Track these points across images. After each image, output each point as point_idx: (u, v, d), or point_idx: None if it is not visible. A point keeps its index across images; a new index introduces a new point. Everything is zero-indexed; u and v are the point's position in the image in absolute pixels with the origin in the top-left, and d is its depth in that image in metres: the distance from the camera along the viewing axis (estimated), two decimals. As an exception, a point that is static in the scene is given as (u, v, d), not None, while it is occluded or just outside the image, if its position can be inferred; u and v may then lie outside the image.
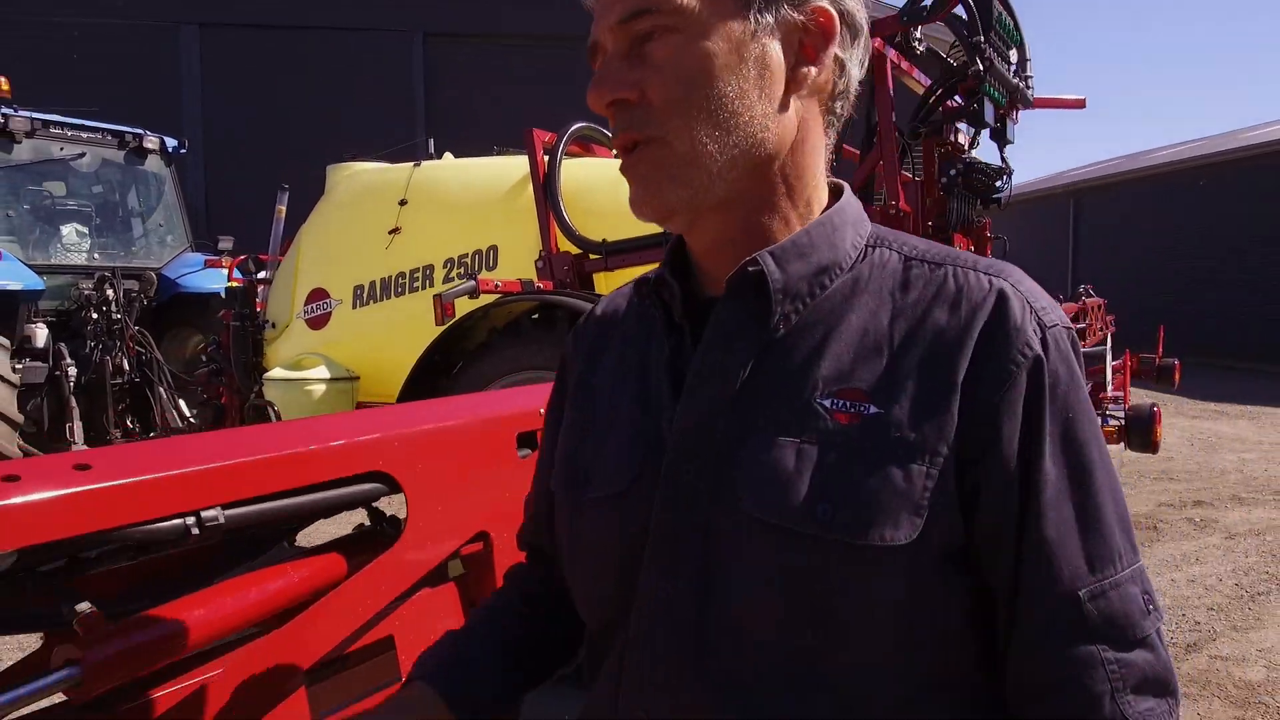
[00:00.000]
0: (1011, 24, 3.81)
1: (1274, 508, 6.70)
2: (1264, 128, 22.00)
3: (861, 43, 0.87)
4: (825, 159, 0.89)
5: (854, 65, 0.87)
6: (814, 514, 0.75)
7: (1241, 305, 18.15)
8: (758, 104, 0.80)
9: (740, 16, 0.79)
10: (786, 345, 0.81)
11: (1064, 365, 0.78)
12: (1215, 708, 3.62)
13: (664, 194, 0.82)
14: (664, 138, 0.80)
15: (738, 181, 0.82)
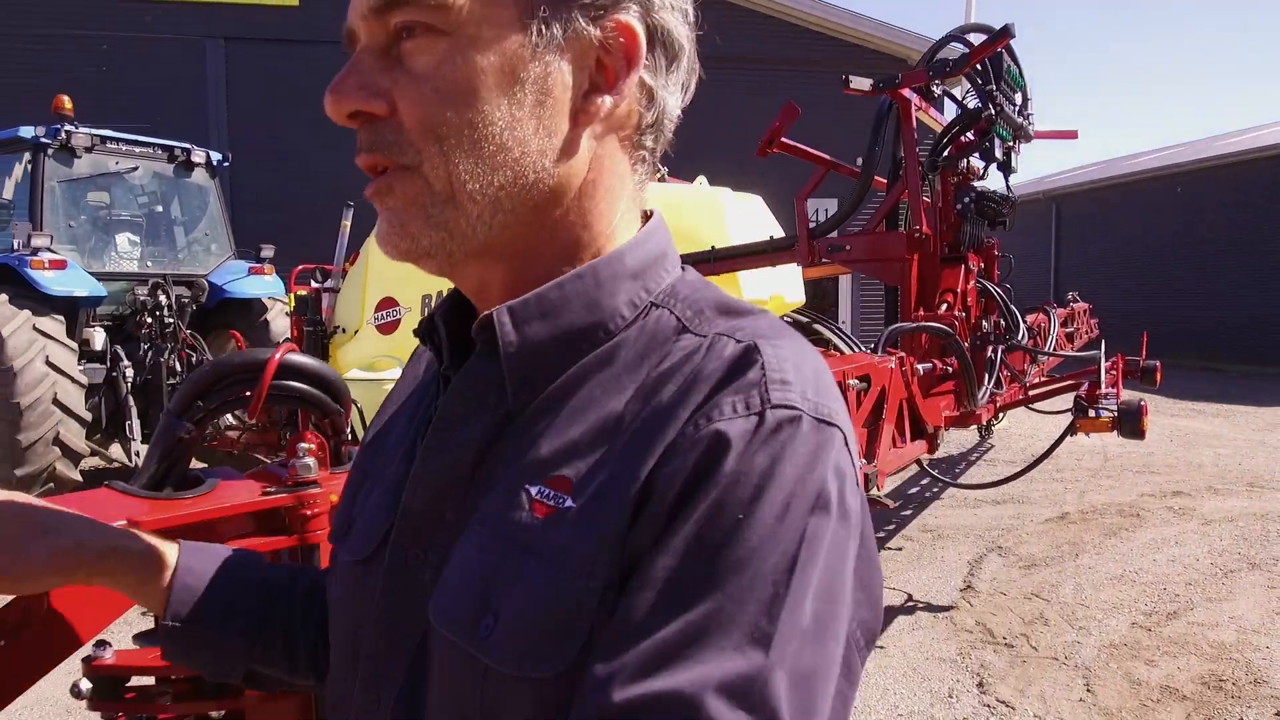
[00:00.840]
0: (1017, 71, 4.38)
1: (1246, 497, 7.31)
2: (1241, 135, 22.70)
3: (683, 66, 0.72)
4: (632, 200, 0.73)
5: (669, 94, 0.71)
6: (478, 630, 0.62)
7: (1218, 309, 18.82)
8: (533, 137, 0.65)
9: (520, 28, 0.64)
10: (527, 419, 0.67)
11: (767, 457, 0.58)
12: (1192, 663, 4.20)
13: (415, 235, 0.67)
14: (418, 167, 0.66)
15: (506, 227, 0.68)
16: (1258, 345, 17.80)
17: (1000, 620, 4.73)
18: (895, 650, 4.38)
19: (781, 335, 0.66)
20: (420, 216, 0.66)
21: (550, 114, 0.66)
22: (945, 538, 6.24)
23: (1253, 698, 3.83)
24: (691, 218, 4.96)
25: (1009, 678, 4.05)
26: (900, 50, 13.80)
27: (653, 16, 0.67)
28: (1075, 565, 5.61)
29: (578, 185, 0.68)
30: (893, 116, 4.30)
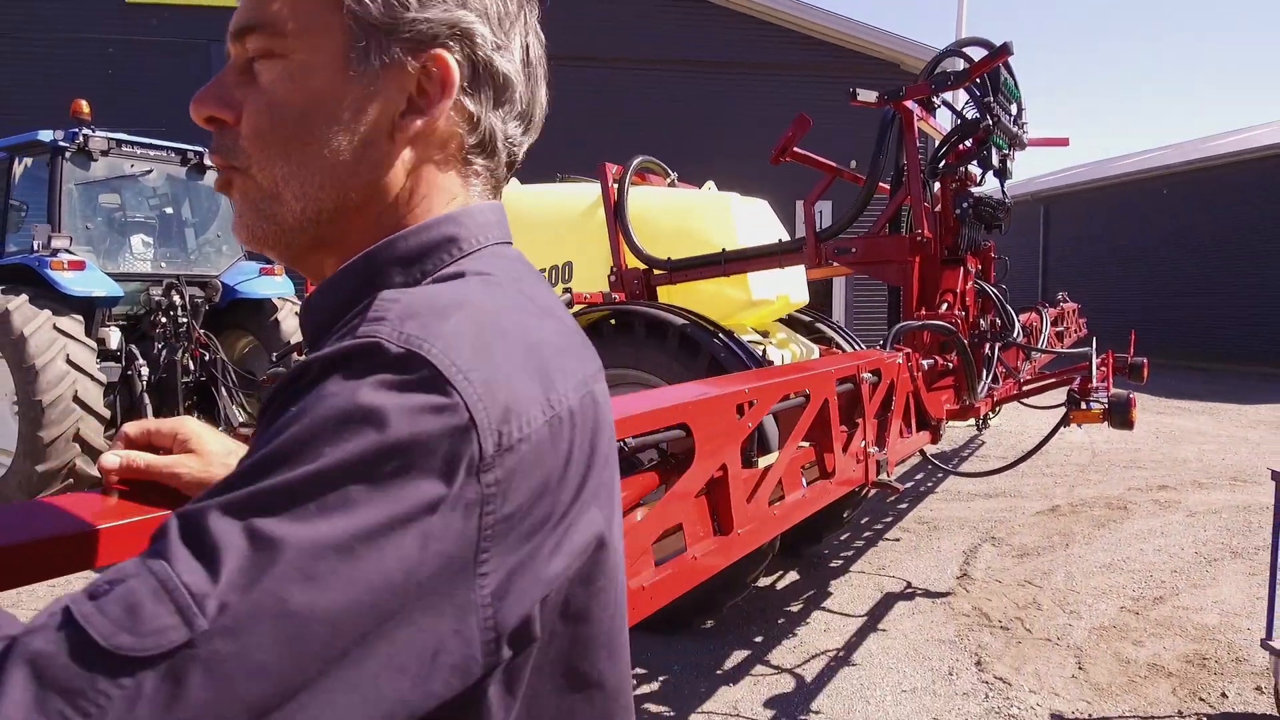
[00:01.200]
0: (1013, 83, 4.62)
1: (1229, 491, 7.58)
2: (1226, 137, 23.07)
3: (516, 98, 0.79)
4: (462, 211, 0.77)
5: (497, 121, 0.78)
6: None
7: (1202, 308, 19.16)
8: (349, 148, 0.72)
9: (343, 56, 0.71)
10: None
11: (309, 382, 0.58)
12: (1177, 643, 4.44)
13: (250, 226, 0.76)
14: (248, 169, 0.74)
15: (332, 224, 0.75)
16: (1241, 345, 18.15)
17: (995, 605, 4.97)
18: (897, 633, 4.61)
19: (448, 310, 0.64)
20: (252, 211, 0.75)
21: (367, 130, 0.73)
22: (941, 529, 6.48)
23: (1234, 674, 4.08)
24: (702, 221, 5.18)
25: (1005, 657, 4.29)
26: (894, 55, 14.06)
27: (477, 54, 0.75)
28: (1066, 554, 5.86)
29: (396, 192, 0.75)
30: (896, 126, 4.53)
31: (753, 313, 5.14)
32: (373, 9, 0.71)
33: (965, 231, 4.61)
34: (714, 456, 2.05)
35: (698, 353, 4.32)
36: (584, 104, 13.64)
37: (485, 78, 0.76)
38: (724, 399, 2.11)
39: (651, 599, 1.83)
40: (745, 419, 2.21)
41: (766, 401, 2.37)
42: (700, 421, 1.97)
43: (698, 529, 2.05)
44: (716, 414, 2.06)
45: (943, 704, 3.83)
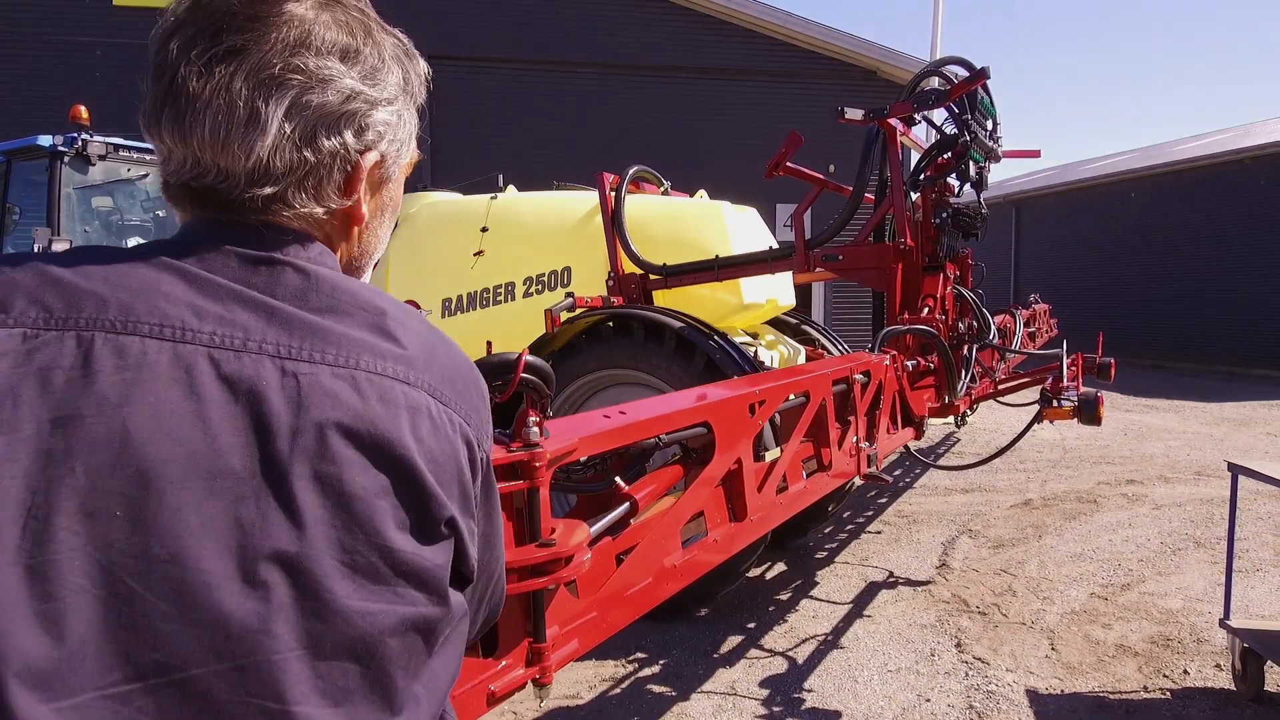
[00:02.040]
0: (988, 100, 4.91)
1: (1193, 485, 7.93)
2: (1190, 141, 23.63)
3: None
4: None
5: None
6: None
7: (1167, 309, 19.67)
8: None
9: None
10: None
11: None
12: (1143, 626, 4.74)
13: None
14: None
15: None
16: (1204, 344, 18.66)
17: (973, 592, 5.25)
18: (881, 618, 4.88)
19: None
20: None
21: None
22: (920, 522, 6.77)
23: (1195, 654, 4.38)
24: (696, 229, 5.43)
25: (983, 640, 4.57)
26: (872, 63, 14.39)
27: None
28: (1039, 545, 6.16)
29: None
30: (880, 141, 4.80)
31: (744, 316, 5.40)
32: None
33: (944, 240, 4.89)
34: (730, 451, 2.30)
35: (694, 354, 4.56)
36: (572, 111, 13.86)
37: None
38: (739, 399, 2.36)
39: (681, 576, 2.08)
40: (756, 417, 2.47)
41: (774, 402, 2.64)
42: (719, 420, 2.22)
43: (716, 515, 2.31)
44: (733, 413, 2.31)
45: (926, 682, 4.10)
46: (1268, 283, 17.36)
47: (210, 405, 0.72)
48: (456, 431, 0.85)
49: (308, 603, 0.72)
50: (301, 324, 0.79)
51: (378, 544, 0.76)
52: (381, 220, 0.98)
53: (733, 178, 10.89)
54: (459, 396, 0.86)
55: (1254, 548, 5.98)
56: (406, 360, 0.82)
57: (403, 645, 0.78)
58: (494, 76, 13.68)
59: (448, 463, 0.83)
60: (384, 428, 0.77)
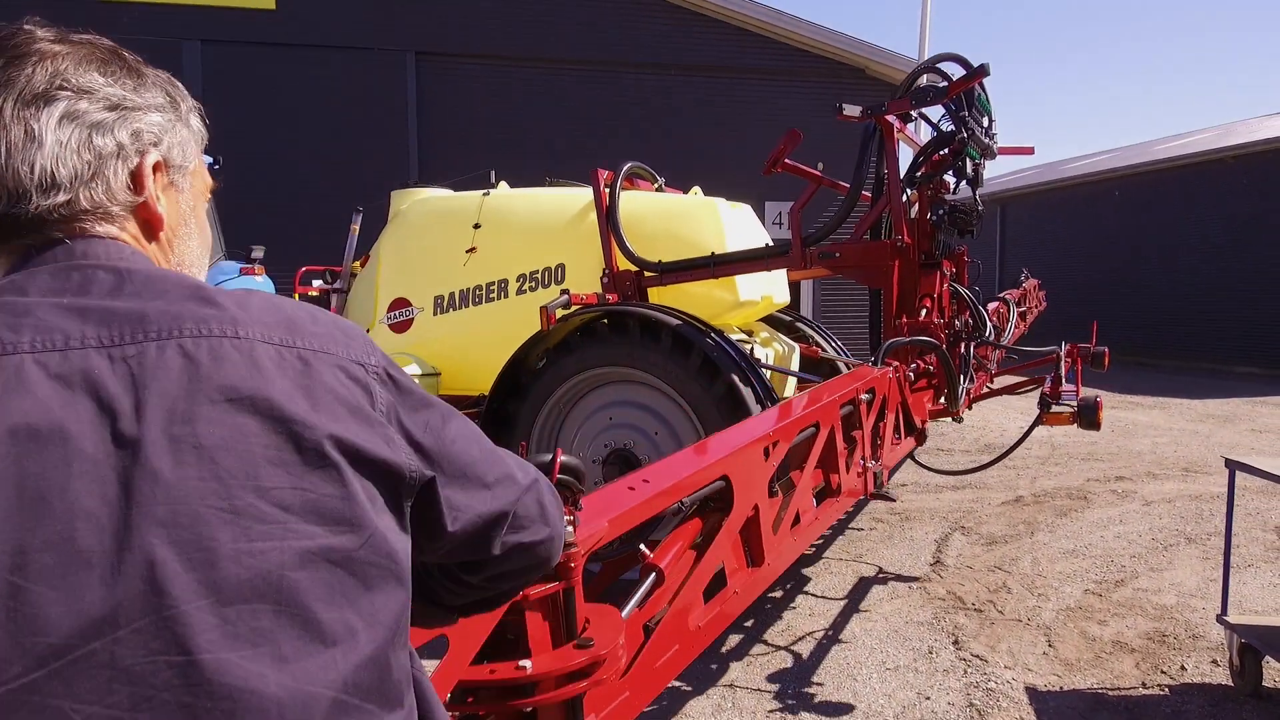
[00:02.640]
0: (985, 98, 4.90)
1: (1181, 481, 7.98)
2: (1172, 141, 23.81)
3: None
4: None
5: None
6: None
7: (1152, 307, 19.81)
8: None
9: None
10: None
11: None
12: (1138, 622, 4.75)
13: None
14: None
15: None
16: (1189, 342, 18.81)
17: (968, 589, 5.26)
18: (878, 615, 4.88)
19: None
20: None
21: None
22: (913, 519, 6.78)
23: (1191, 649, 4.39)
24: (691, 226, 5.40)
25: (980, 636, 4.57)
26: (860, 60, 14.40)
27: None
28: (1032, 542, 6.18)
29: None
30: (877, 138, 4.79)
31: (739, 313, 5.38)
32: None
33: (941, 237, 4.88)
34: (748, 499, 2.30)
35: (690, 351, 4.54)
36: (562, 108, 13.80)
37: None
38: (754, 445, 2.35)
39: (706, 636, 2.09)
40: (771, 459, 2.47)
41: (786, 439, 2.63)
42: (736, 470, 2.21)
43: (734, 563, 2.30)
44: (749, 460, 2.31)
45: (925, 680, 4.09)
46: (1249, 280, 17.50)
47: (51, 403, 0.76)
48: (313, 361, 0.88)
49: (195, 554, 0.75)
50: (118, 314, 0.83)
51: (252, 485, 0.79)
52: (188, 232, 1.04)
53: (722, 174, 10.87)
54: (297, 332, 0.89)
55: (1244, 543, 6.01)
56: (229, 318, 0.85)
57: (314, 578, 0.80)
58: (484, 73, 13.60)
59: (316, 389, 0.86)
60: (224, 379, 0.81)
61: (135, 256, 0.93)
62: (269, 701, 0.75)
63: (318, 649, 0.79)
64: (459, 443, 1.00)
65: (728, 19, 14.12)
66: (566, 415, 5.06)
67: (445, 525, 0.97)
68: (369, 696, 0.83)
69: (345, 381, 0.89)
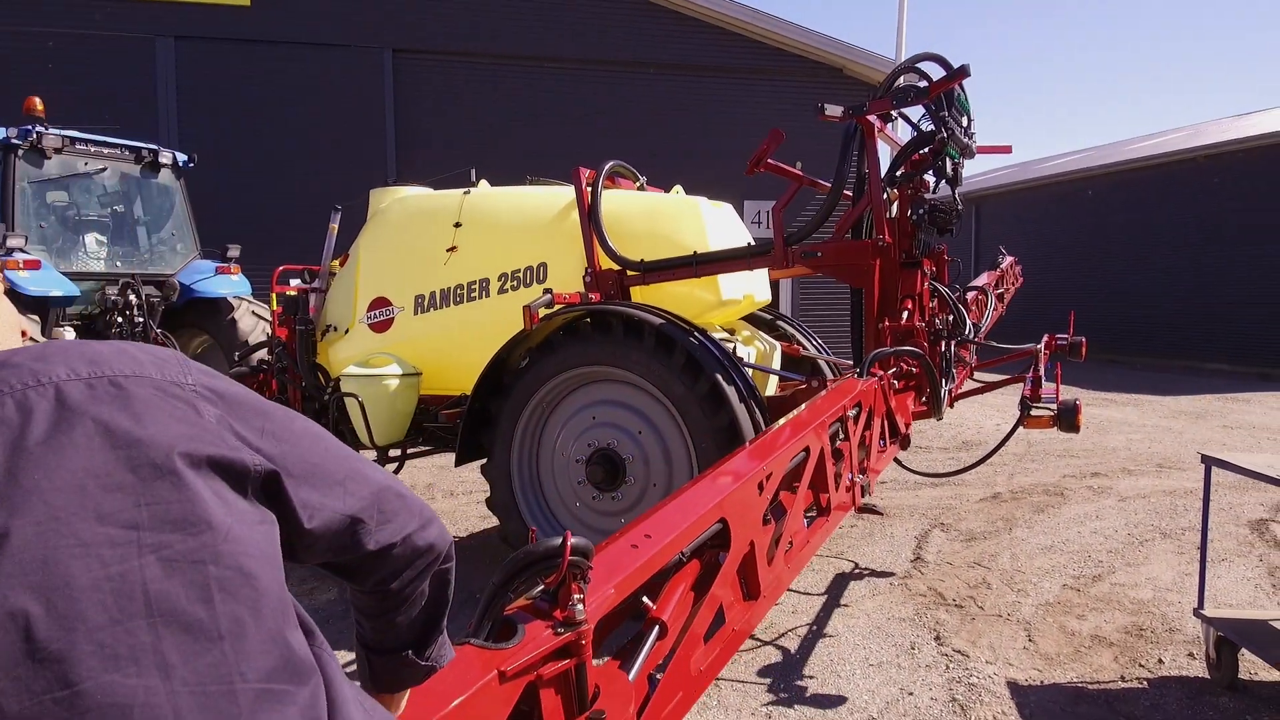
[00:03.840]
0: (964, 98, 4.94)
1: (1155, 476, 8.08)
2: (1144, 140, 24.08)
3: None
4: None
5: None
6: None
7: (1125, 305, 20.03)
8: None
9: None
10: None
11: None
12: (1116, 616, 4.81)
13: None
14: None
15: None
16: (1161, 340, 19.04)
17: (949, 585, 5.30)
18: (860, 612, 4.91)
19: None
20: None
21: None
22: (892, 516, 6.82)
23: (1169, 642, 4.45)
24: (673, 225, 5.41)
25: (961, 632, 4.61)
26: (839, 60, 14.48)
27: None
28: (1010, 538, 6.24)
29: None
30: (858, 137, 4.82)
31: (721, 312, 5.39)
32: None
33: (921, 236, 4.92)
34: (745, 537, 2.31)
35: (673, 350, 4.55)
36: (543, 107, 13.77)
37: None
38: (749, 483, 2.37)
39: (707, 677, 2.11)
40: (765, 493, 2.49)
41: (779, 469, 2.65)
42: (733, 510, 2.23)
43: (731, 599, 2.32)
44: (745, 498, 2.33)
45: (908, 675, 4.12)
46: (1220, 278, 17.75)
47: None
48: (127, 384, 0.88)
49: (56, 594, 0.75)
50: None
51: (94, 515, 0.79)
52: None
53: (702, 173, 10.89)
54: (102, 363, 0.89)
55: (1218, 538, 6.09)
56: (28, 371, 0.85)
57: (183, 581, 0.81)
58: (462, 71, 13.56)
59: (136, 406, 0.87)
60: (35, 429, 0.81)
61: None
62: (164, 711, 0.77)
63: (207, 647, 0.81)
64: (304, 441, 1.01)
65: (707, 18, 14.15)
66: (550, 415, 5.05)
67: (303, 522, 0.97)
68: (278, 677, 0.86)
69: (166, 400, 0.89)
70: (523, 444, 5.05)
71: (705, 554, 2.24)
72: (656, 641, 1.92)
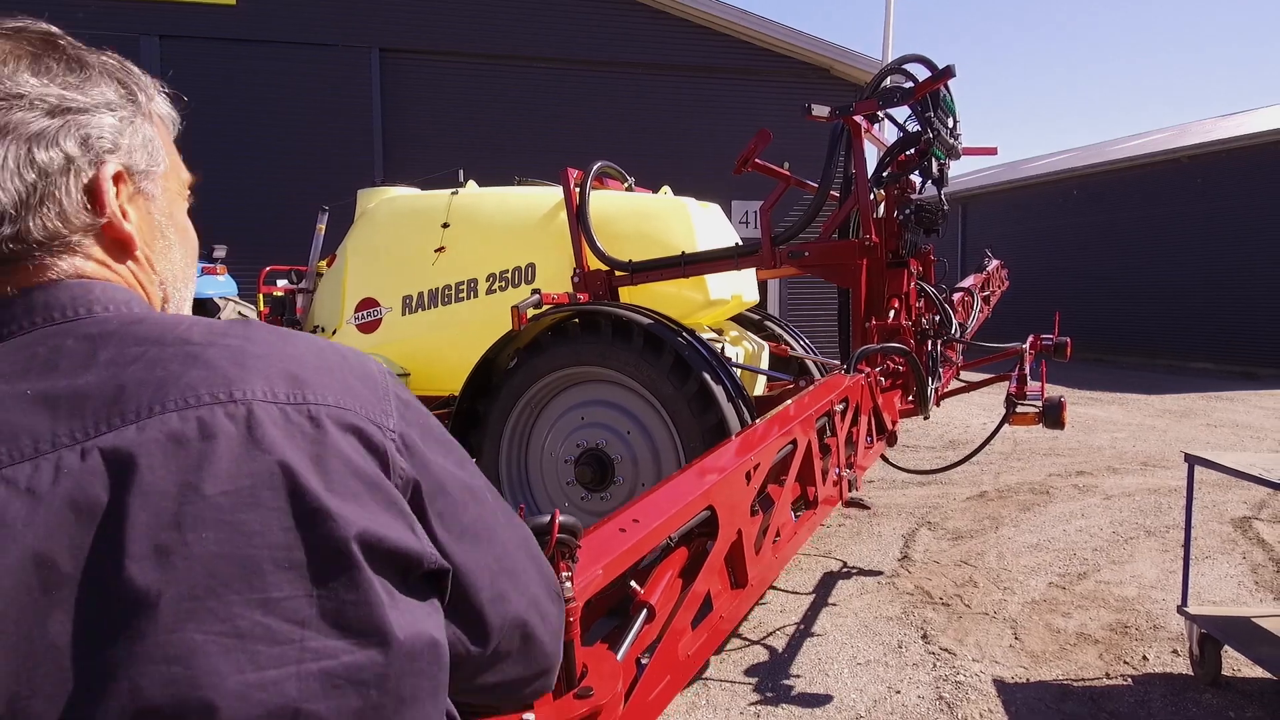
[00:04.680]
0: (950, 98, 4.97)
1: (1140, 475, 8.14)
2: (1129, 141, 24.24)
3: None
4: None
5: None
6: None
7: (1110, 304, 20.16)
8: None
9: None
10: None
11: None
12: (1101, 614, 4.85)
13: None
14: None
15: None
16: (1145, 339, 19.18)
17: (936, 584, 5.33)
18: (848, 611, 4.93)
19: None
20: None
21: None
22: (879, 515, 6.86)
23: (1153, 640, 4.49)
24: (662, 225, 5.42)
25: (948, 630, 4.64)
26: (825, 61, 14.52)
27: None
28: (996, 536, 6.27)
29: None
30: (845, 138, 4.84)
31: (710, 312, 5.40)
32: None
33: (908, 236, 4.94)
34: (733, 525, 2.32)
35: (662, 350, 4.55)
36: (530, 107, 13.75)
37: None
38: (736, 472, 2.38)
39: (695, 663, 2.12)
40: (753, 482, 2.51)
41: (767, 460, 2.67)
42: (721, 498, 2.23)
43: (718, 588, 2.33)
44: (732, 487, 2.34)
45: (895, 674, 4.15)
46: (1204, 278, 17.88)
47: (23, 526, 0.63)
48: (325, 420, 0.73)
49: (191, 696, 0.62)
50: (90, 395, 0.69)
51: (258, 598, 0.65)
52: (168, 244, 0.92)
53: (690, 173, 10.91)
54: (305, 384, 0.74)
55: (1201, 536, 6.15)
56: (220, 378, 0.71)
57: (341, 708, 0.67)
58: (450, 71, 13.53)
59: (329, 459, 0.71)
60: (218, 464, 0.67)
61: (107, 297, 0.79)
62: None
63: None
64: (482, 534, 0.86)
65: (694, 18, 14.17)
66: (538, 415, 5.06)
67: (487, 621, 0.84)
68: None
69: (360, 450, 0.74)
70: (511, 444, 5.05)
71: (693, 542, 2.25)
72: (644, 625, 1.92)
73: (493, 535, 0.88)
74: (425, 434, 0.82)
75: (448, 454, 0.85)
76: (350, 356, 0.82)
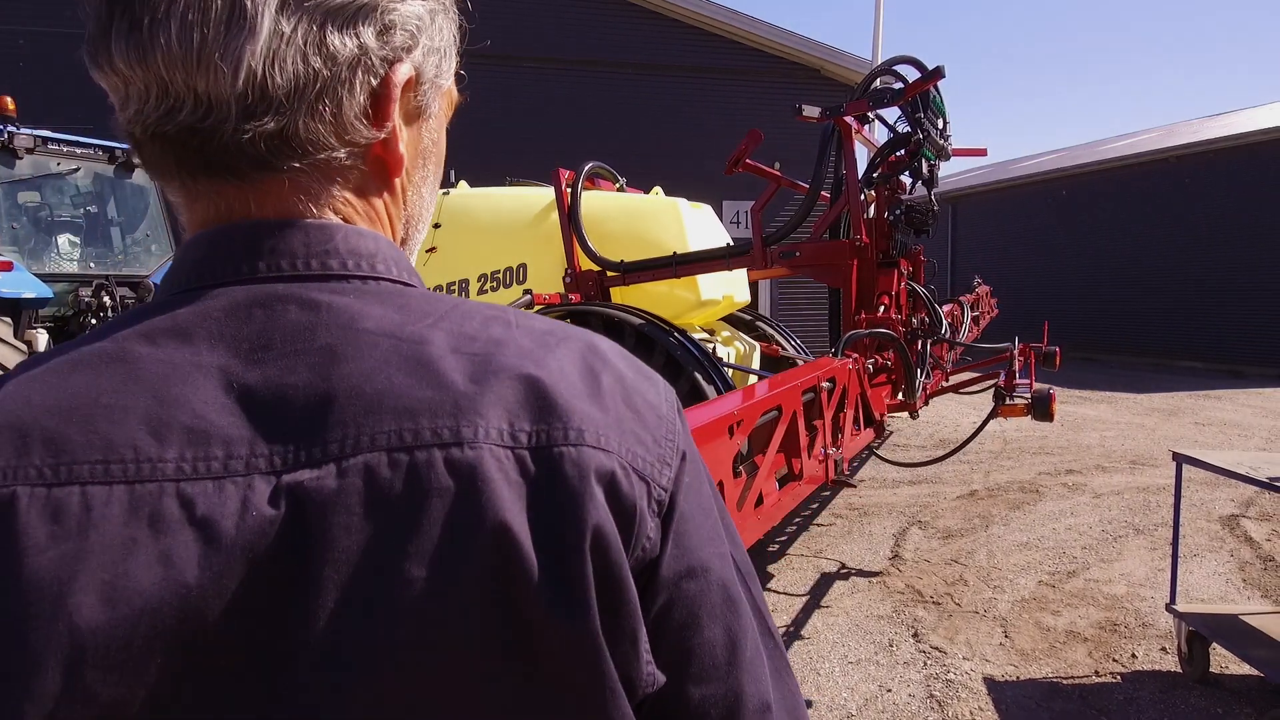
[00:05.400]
0: (939, 99, 4.99)
1: (1129, 473, 8.18)
2: (1118, 141, 24.36)
3: None
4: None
5: None
6: None
7: (1098, 304, 20.26)
8: None
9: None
10: None
11: None
12: (1090, 612, 4.88)
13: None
14: None
15: None
16: (1133, 338, 19.27)
17: (926, 582, 5.35)
18: (839, 610, 4.95)
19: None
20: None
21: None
22: (871, 514, 6.87)
23: (1141, 637, 4.52)
24: (653, 226, 5.43)
25: (939, 629, 4.65)
26: (816, 61, 14.55)
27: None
28: (986, 535, 6.30)
29: None
30: (835, 138, 4.86)
31: (701, 312, 5.42)
32: None
33: (898, 236, 4.96)
34: (713, 475, 2.33)
35: (653, 350, 4.57)
36: (520, 107, 13.74)
37: None
38: (719, 422, 2.39)
39: None
40: (735, 437, 2.51)
41: (750, 419, 2.68)
42: (701, 446, 2.24)
43: None
44: (714, 437, 2.34)
45: (886, 672, 4.16)
46: (1192, 277, 17.98)
47: (186, 570, 0.49)
48: (569, 468, 0.56)
49: None
50: (294, 402, 0.54)
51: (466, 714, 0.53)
52: (425, 175, 0.72)
53: (681, 174, 10.92)
54: (554, 413, 0.57)
55: (1189, 534, 6.19)
56: (449, 406, 0.55)
57: None
58: (438, 71, 13.50)
59: (565, 528, 0.54)
60: (427, 535, 0.52)
61: (349, 248, 0.61)
62: None
63: None
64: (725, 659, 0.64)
65: (685, 19, 14.18)
66: (529, 415, 5.06)
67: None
68: None
69: (606, 510, 0.56)
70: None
71: None
72: None
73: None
74: (690, 508, 0.63)
75: (716, 540, 0.65)
76: (629, 374, 0.64)
